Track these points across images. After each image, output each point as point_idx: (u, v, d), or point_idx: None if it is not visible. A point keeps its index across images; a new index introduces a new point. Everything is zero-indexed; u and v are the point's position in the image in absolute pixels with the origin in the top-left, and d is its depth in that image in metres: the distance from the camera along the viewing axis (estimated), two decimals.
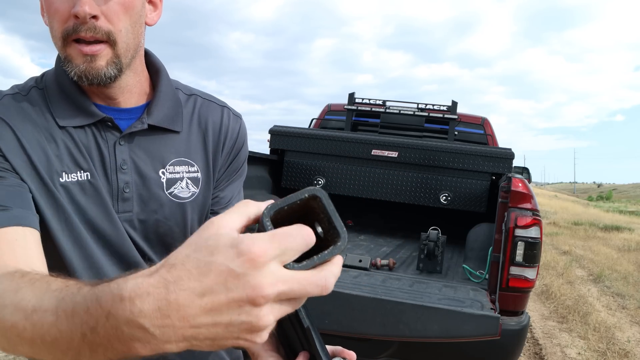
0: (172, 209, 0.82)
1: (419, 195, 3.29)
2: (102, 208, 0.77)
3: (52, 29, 0.72)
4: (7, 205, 0.67)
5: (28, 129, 0.74)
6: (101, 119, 0.77)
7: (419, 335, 1.97)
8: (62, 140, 0.75)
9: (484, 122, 4.64)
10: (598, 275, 7.11)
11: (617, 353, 4.01)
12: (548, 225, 13.84)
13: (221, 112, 0.89)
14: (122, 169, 0.78)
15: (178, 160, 0.83)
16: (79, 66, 0.72)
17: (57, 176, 0.74)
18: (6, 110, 0.74)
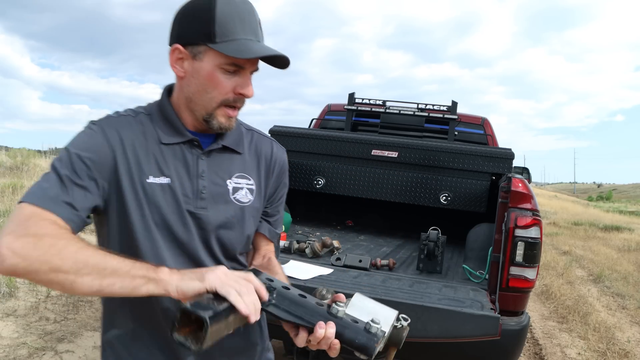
0: (235, 210, 1.08)
1: (419, 195, 3.28)
2: (176, 208, 1.02)
3: (207, 94, 1.00)
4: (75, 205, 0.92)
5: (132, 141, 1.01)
6: (190, 139, 1.05)
7: (419, 335, 1.97)
8: (158, 153, 1.02)
9: (484, 122, 4.64)
10: (598, 276, 7.11)
11: (617, 353, 4.01)
12: (548, 225, 13.84)
13: (271, 145, 1.19)
14: (202, 176, 1.05)
15: (240, 174, 1.11)
16: (222, 123, 1.03)
17: (145, 177, 1.00)
18: (119, 125, 1.01)
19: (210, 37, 0.96)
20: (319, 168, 3.46)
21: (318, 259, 2.74)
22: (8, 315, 3.56)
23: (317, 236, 3.19)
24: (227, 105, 1.01)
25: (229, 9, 0.97)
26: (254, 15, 1.01)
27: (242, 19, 0.98)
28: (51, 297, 4.00)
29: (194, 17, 0.98)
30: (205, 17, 0.96)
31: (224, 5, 0.96)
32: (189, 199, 1.03)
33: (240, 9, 0.98)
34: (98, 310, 3.87)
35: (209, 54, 0.97)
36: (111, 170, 0.98)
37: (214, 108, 1.01)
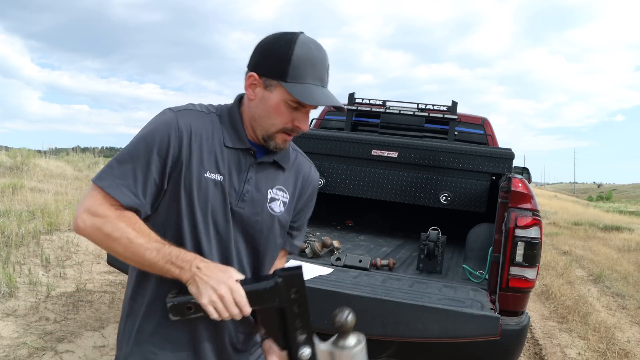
0: (267, 216, 1.23)
1: (419, 195, 3.28)
2: (222, 203, 1.16)
3: (270, 119, 1.15)
4: (137, 193, 1.11)
5: (200, 135, 1.15)
6: (249, 148, 1.20)
7: (419, 335, 1.97)
8: (219, 152, 1.17)
9: (483, 122, 4.64)
10: (598, 276, 7.11)
11: (617, 353, 4.01)
12: (548, 225, 13.84)
13: (310, 167, 1.35)
14: (248, 182, 1.20)
15: (280, 187, 1.26)
16: (279, 144, 1.19)
17: (203, 171, 1.14)
18: (193, 118, 1.16)
19: (283, 75, 1.11)
20: (319, 168, 3.46)
21: (318, 259, 2.74)
22: (8, 315, 3.56)
23: (317, 236, 3.19)
24: (284, 132, 1.17)
25: (304, 54, 1.12)
26: (325, 62, 1.16)
27: (314, 65, 1.13)
28: (51, 297, 4.00)
29: (273, 55, 1.13)
30: (283, 57, 1.11)
31: (300, 50, 1.11)
32: (232, 198, 1.17)
33: (314, 56, 1.13)
34: (98, 310, 3.87)
35: (279, 89, 1.12)
36: (176, 159, 1.12)
37: (274, 132, 1.17)
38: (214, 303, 1.03)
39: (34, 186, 8.48)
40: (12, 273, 4.17)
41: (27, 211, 6.30)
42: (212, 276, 1.05)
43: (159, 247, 1.07)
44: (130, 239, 1.06)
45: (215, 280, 1.04)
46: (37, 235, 5.34)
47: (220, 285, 1.03)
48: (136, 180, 1.10)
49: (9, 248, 4.80)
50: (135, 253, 1.07)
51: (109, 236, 1.07)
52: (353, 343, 1.08)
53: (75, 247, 5.38)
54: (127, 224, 1.08)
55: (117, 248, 1.08)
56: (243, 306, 1.04)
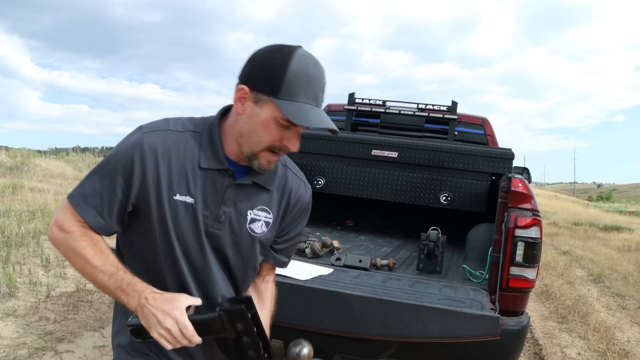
0: (247, 237, 1.19)
1: (419, 195, 3.28)
2: (193, 226, 1.13)
3: (257, 136, 1.08)
4: (103, 214, 1.11)
5: (169, 156, 1.10)
6: (226, 168, 1.13)
7: (419, 335, 1.97)
8: (191, 174, 1.12)
9: (483, 122, 4.64)
10: (598, 276, 7.11)
11: (617, 353, 4.01)
12: (548, 225, 13.84)
13: (299, 185, 1.27)
14: (225, 203, 1.15)
15: (262, 207, 1.20)
16: (263, 165, 1.11)
17: (172, 193, 1.11)
18: (162, 140, 1.11)
19: (275, 92, 1.04)
20: (319, 168, 3.46)
21: (318, 259, 2.74)
22: (8, 315, 3.56)
23: (317, 236, 3.19)
24: (271, 150, 1.10)
25: (300, 71, 1.04)
26: (321, 80, 1.08)
27: (309, 84, 1.05)
28: (51, 297, 4.00)
29: (267, 69, 1.05)
30: (277, 72, 1.03)
31: (296, 65, 1.04)
32: (207, 220, 1.14)
33: (311, 73, 1.06)
34: (98, 310, 3.87)
35: (269, 105, 1.05)
36: (141, 182, 1.10)
37: (259, 150, 1.10)
38: (163, 336, 1.03)
39: (34, 186, 8.48)
40: (12, 273, 4.17)
41: (27, 211, 6.30)
42: (158, 308, 1.04)
43: (112, 272, 1.08)
44: (87, 258, 1.08)
45: (161, 312, 1.03)
46: (37, 235, 5.34)
47: (166, 317, 1.03)
48: (102, 200, 1.10)
49: (9, 248, 4.80)
50: (90, 274, 1.10)
51: (71, 251, 1.10)
52: None
53: None
54: (88, 243, 1.09)
55: (76, 265, 1.11)
56: (191, 336, 1.04)
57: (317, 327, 2.04)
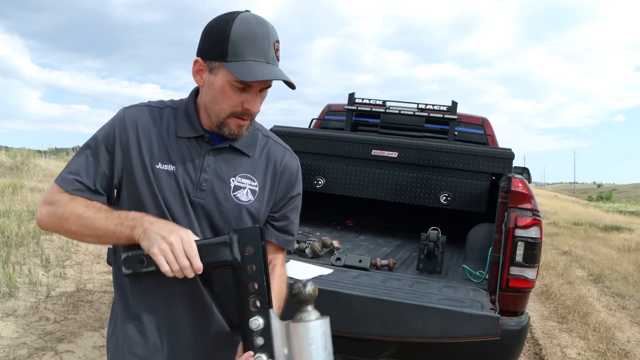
0: (232, 206, 1.17)
1: (419, 195, 3.28)
2: (177, 193, 1.14)
3: (218, 104, 1.11)
4: (87, 183, 1.12)
5: (149, 128, 1.15)
6: (201, 135, 1.16)
7: (419, 335, 1.97)
8: (169, 143, 1.15)
9: (483, 122, 4.64)
10: (598, 276, 7.11)
11: (617, 353, 4.01)
12: (548, 225, 13.84)
13: (284, 153, 1.26)
14: (206, 170, 1.15)
15: (245, 174, 1.19)
16: (233, 130, 1.13)
17: (155, 162, 1.13)
18: (141, 113, 1.16)
19: (223, 55, 1.06)
20: (319, 168, 3.46)
21: (318, 259, 2.74)
22: (8, 315, 3.56)
23: (317, 236, 3.19)
24: (235, 116, 1.11)
25: (242, 31, 1.06)
26: (267, 36, 1.08)
27: (254, 41, 1.06)
28: (51, 297, 4.00)
29: (212, 35, 1.09)
30: (221, 36, 1.06)
31: (238, 26, 1.06)
32: (189, 188, 1.14)
33: (254, 31, 1.07)
34: (98, 310, 3.87)
35: (221, 70, 1.08)
36: (124, 152, 1.13)
37: (224, 118, 1.12)
38: (164, 252, 1.00)
39: (34, 186, 8.48)
40: (12, 273, 4.17)
41: (27, 211, 6.30)
42: (164, 227, 1.03)
43: (107, 214, 1.08)
44: (79, 214, 1.08)
45: (167, 230, 1.02)
46: (37, 235, 5.34)
47: (171, 234, 1.01)
48: (88, 173, 1.12)
49: (9, 248, 4.80)
50: (87, 226, 1.08)
51: (62, 218, 1.09)
52: (312, 317, 0.99)
53: (75, 247, 5.38)
54: (76, 203, 1.10)
55: (71, 227, 1.10)
56: (193, 257, 1.00)
57: None
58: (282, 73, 1.09)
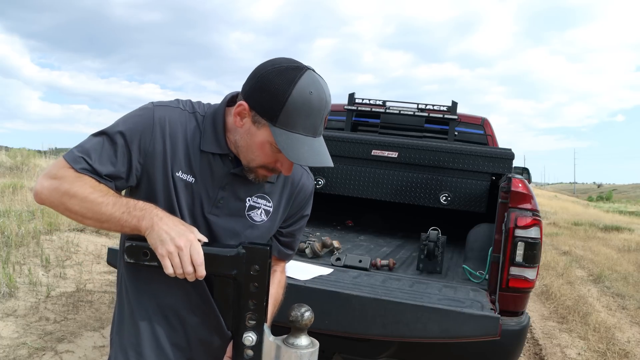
0: (245, 225, 1.17)
1: (419, 195, 3.28)
2: (190, 204, 1.12)
3: (253, 153, 1.09)
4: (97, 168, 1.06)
5: (176, 132, 1.11)
6: (227, 153, 1.13)
7: (419, 335, 1.97)
8: (192, 154, 1.12)
9: (483, 122, 4.64)
10: (598, 276, 7.11)
11: (617, 353, 4.01)
12: (548, 225, 13.84)
13: (301, 173, 1.26)
14: (224, 189, 1.14)
15: (261, 195, 1.19)
16: (259, 179, 1.14)
17: (175, 170, 1.11)
18: (172, 114, 1.12)
19: (272, 118, 1.02)
20: (319, 168, 3.45)
21: (318, 259, 2.74)
22: (8, 315, 3.56)
23: (317, 236, 3.19)
24: (266, 169, 1.11)
25: (301, 102, 1.00)
26: (323, 111, 1.04)
27: (308, 115, 1.01)
28: (51, 297, 4.00)
29: (269, 91, 1.01)
30: (278, 98, 1.00)
31: (298, 96, 1.00)
32: (205, 203, 1.13)
33: (312, 104, 1.01)
34: (98, 310, 3.87)
35: (266, 128, 1.04)
36: (146, 154, 1.09)
37: (254, 167, 1.11)
38: (171, 255, 0.97)
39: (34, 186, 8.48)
40: (12, 273, 4.17)
41: (27, 211, 6.30)
42: (172, 227, 0.99)
43: (115, 200, 1.02)
44: (85, 195, 1.02)
45: (176, 231, 0.99)
46: (37, 235, 5.34)
47: (181, 237, 0.98)
48: (101, 159, 1.06)
49: (9, 248, 4.79)
50: (91, 209, 1.02)
51: (66, 194, 1.03)
52: (304, 344, 1.02)
53: (75, 247, 5.38)
54: (84, 182, 1.04)
55: (74, 207, 1.03)
56: (199, 265, 0.98)
57: (317, 327, 2.04)
58: (324, 154, 1.05)
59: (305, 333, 1.03)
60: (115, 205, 1.02)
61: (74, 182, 1.03)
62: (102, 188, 1.05)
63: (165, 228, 0.99)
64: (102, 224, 1.04)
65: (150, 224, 1.00)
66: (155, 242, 0.99)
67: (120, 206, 1.02)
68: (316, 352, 1.03)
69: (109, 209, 1.02)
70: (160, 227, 0.99)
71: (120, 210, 1.02)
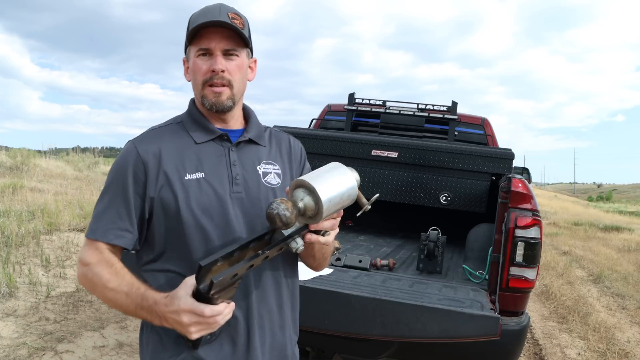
0: (267, 191, 1.22)
1: (419, 195, 3.28)
2: (212, 195, 1.15)
3: (195, 80, 1.18)
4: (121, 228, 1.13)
5: (166, 150, 1.16)
6: (220, 134, 1.21)
7: (418, 335, 1.97)
8: (193, 152, 1.18)
9: (483, 122, 4.64)
10: (598, 276, 7.11)
11: (617, 353, 4.01)
12: (548, 225, 13.84)
13: (288, 137, 1.36)
14: (234, 165, 1.20)
15: (267, 161, 1.26)
16: (211, 99, 1.17)
17: (183, 175, 1.15)
18: (152, 140, 1.17)
19: (187, 38, 1.19)
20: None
21: None
22: (8, 315, 3.55)
23: None
24: (209, 84, 1.17)
25: (197, 12, 1.18)
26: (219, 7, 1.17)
27: (206, 13, 1.16)
28: (51, 297, 4.00)
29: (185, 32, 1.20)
30: (187, 27, 1.18)
31: (195, 12, 1.19)
32: (224, 186, 1.17)
33: (208, 7, 1.18)
34: (98, 310, 3.87)
35: (190, 51, 1.19)
36: (149, 182, 1.14)
37: (201, 90, 1.18)
38: (197, 331, 1.01)
39: (34, 186, 8.48)
40: (12, 273, 4.17)
41: (27, 211, 6.30)
42: (171, 311, 1.01)
43: (127, 291, 1.06)
44: (104, 283, 1.09)
45: (174, 313, 1.00)
46: (37, 235, 5.34)
47: (180, 315, 0.99)
48: (120, 216, 1.13)
49: (9, 248, 4.79)
50: (112, 300, 1.09)
51: (92, 283, 1.11)
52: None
53: (75, 247, 5.38)
54: (103, 267, 1.10)
55: (100, 295, 1.12)
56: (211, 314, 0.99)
57: (317, 327, 2.04)
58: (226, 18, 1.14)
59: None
60: (128, 298, 1.06)
61: (96, 268, 1.10)
62: (119, 272, 1.09)
63: (169, 316, 1.01)
64: (125, 313, 1.10)
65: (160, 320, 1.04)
66: (182, 332, 1.03)
67: (132, 300, 1.06)
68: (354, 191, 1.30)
69: (124, 302, 1.07)
70: (168, 318, 1.02)
71: (133, 305, 1.06)
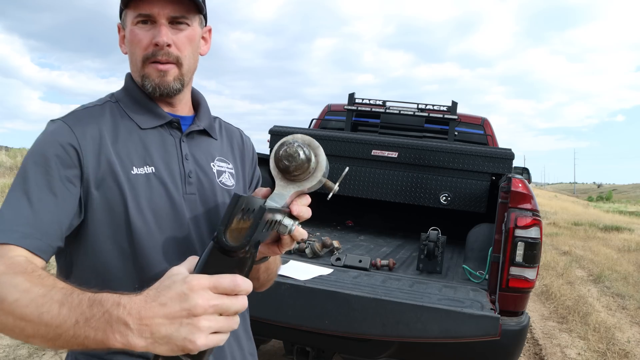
0: (222, 194, 1.02)
1: (419, 195, 3.28)
2: (164, 195, 0.93)
3: (133, 54, 0.95)
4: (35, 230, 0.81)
5: (106, 133, 0.92)
6: (170, 120, 0.98)
7: (419, 335, 1.97)
8: (138, 140, 0.94)
9: (483, 122, 4.64)
10: (598, 276, 7.11)
11: (617, 353, 4.01)
12: (548, 225, 13.84)
13: (239, 132, 1.16)
14: (186, 159, 0.98)
15: (220, 158, 1.06)
16: (154, 80, 0.94)
17: (129, 168, 0.91)
18: (85, 119, 0.93)
19: (123, 3, 0.94)
20: None
21: (318, 259, 2.74)
22: None
23: (317, 236, 3.19)
24: (152, 61, 0.94)
25: None
26: None
27: None
28: None
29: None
30: None
31: None
32: (176, 185, 0.95)
33: None
34: None
35: (127, 16, 0.95)
36: (85, 172, 0.88)
37: (141, 68, 0.94)
38: (212, 329, 0.63)
39: None
40: None
41: None
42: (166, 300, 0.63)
43: (62, 298, 0.66)
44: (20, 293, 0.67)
45: (173, 300, 0.62)
46: None
47: (188, 300, 0.62)
48: (33, 213, 0.82)
49: None
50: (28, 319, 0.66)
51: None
52: None
53: None
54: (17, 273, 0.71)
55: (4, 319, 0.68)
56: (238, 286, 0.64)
57: (317, 327, 2.04)
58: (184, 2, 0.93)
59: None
60: (64, 307, 0.65)
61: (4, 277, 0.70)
62: (44, 277, 0.72)
63: (162, 312, 0.62)
64: (44, 342, 0.67)
65: (138, 331, 0.61)
66: (175, 346, 0.62)
67: (73, 307, 0.64)
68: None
69: (54, 317, 0.65)
70: (156, 321, 0.62)
71: (74, 317, 0.64)
